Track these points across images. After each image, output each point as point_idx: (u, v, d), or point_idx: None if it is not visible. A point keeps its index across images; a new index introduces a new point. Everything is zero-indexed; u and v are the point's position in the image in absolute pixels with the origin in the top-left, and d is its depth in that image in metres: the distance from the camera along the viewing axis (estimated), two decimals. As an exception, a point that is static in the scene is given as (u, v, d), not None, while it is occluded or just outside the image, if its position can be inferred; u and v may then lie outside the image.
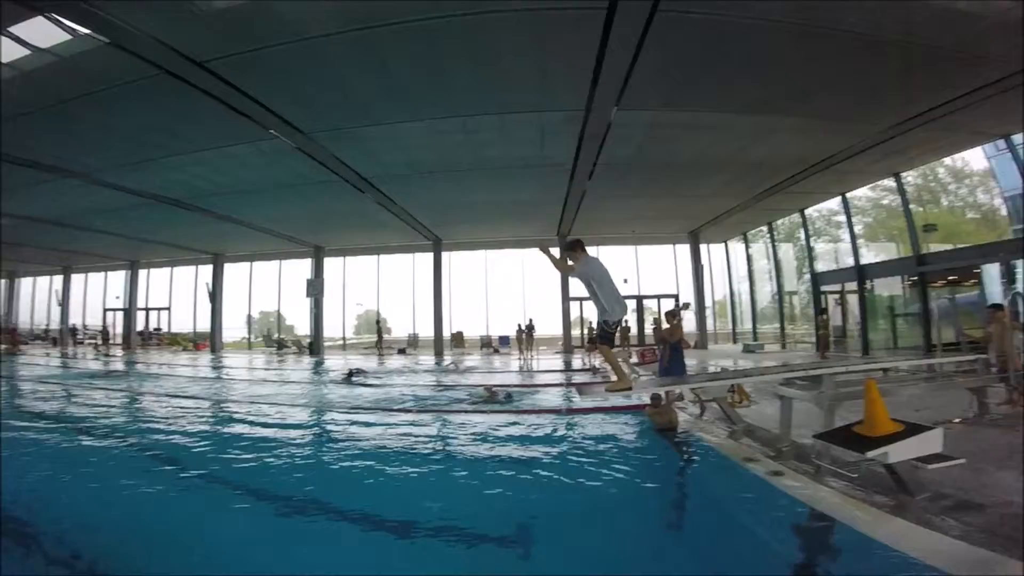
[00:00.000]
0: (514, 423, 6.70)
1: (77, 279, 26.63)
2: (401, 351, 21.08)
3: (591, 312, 20.65)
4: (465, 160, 11.17)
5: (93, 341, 25.32)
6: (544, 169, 11.72)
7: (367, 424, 6.90)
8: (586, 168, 11.51)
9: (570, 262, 4.69)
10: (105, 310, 26.39)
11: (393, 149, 10.41)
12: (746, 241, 20.63)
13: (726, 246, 21.76)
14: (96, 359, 18.64)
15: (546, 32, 6.54)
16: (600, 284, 4.45)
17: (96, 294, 26.75)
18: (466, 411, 7.74)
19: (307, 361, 18.16)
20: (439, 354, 19.38)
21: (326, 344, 21.86)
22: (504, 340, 20.25)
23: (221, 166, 11.14)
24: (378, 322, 21.79)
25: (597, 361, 14.62)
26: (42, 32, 6.25)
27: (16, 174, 10.79)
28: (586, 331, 19.22)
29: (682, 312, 8.64)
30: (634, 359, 11.87)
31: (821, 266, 16.90)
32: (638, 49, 6.70)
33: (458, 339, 21.47)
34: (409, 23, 6.24)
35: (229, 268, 23.42)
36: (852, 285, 15.07)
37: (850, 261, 15.18)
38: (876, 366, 6.11)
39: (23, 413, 7.92)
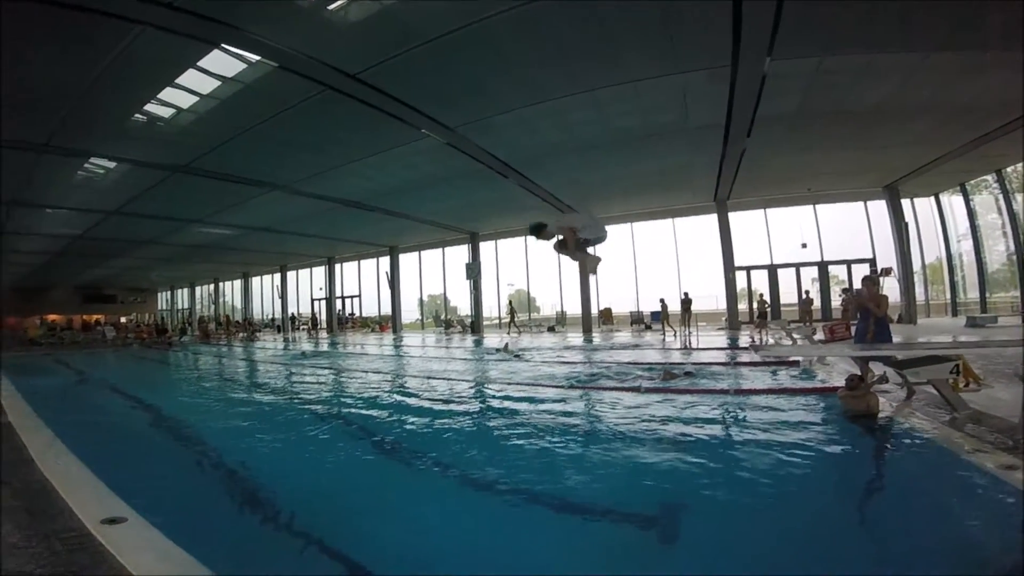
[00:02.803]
0: (680, 403, 6.36)
1: (291, 275, 32.45)
2: (550, 329, 21.48)
3: (760, 282, 18.85)
4: (597, 135, 10.84)
5: (306, 327, 30.69)
6: (691, 132, 10.79)
7: (529, 399, 7.11)
8: (742, 126, 10.28)
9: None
10: (312, 300, 31.83)
11: (526, 133, 10.55)
12: (965, 193, 16.42)
13: (937, 200, 17.52)
14: (309, 341, 22.58)
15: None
16: None
17: (305, 287, 32.49)
18: (627, 388, 7.63)
19: (470, 339, 19.64)
20: (587, 331, 19.33)
21: (484, 323, 23.35)
22: (657, 316, 19.34)
23: (387, 168, 12.46)
24: (511, 302, 22.60)
25: (770, 338, 13.30)
26: (223, 63, 7.44)
27: (237, 191, 13.46)
28: (755, 306, 17.42)
29: (882, 279, 7.32)
30: (819, 336, 10.41)
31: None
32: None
33: (606, 316, 21.17)
34: (519, 7, 6.21)
35: (403, 258, 26.30)
36: None
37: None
38: None
39: (257, 389, 9.94)
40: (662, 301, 18.23)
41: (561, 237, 4.77)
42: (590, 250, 5.06)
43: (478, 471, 4.37)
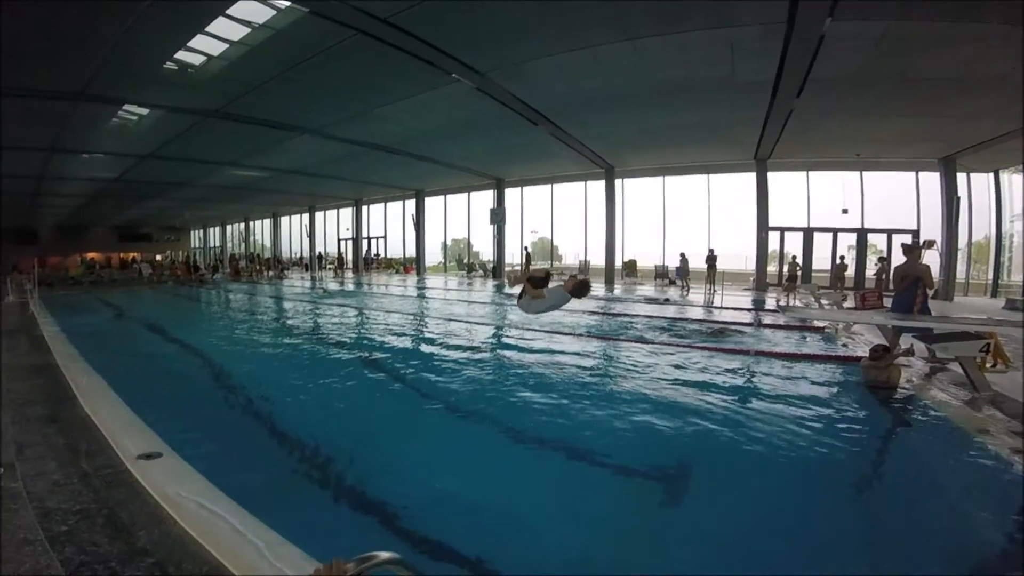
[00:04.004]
0: (698, 359, 6.45)
1: (319, 216, 32.86)
2: (571, 277, 21.43)
3: (794, 245, 18.20)
4: (637, 85, 10.34)
5: (332, 266, 31.40)
6: (736, 88, 10.18)
7: (544, 348, 7.26)
8: (793, 86, 9.71)
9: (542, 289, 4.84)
10: (339, 240, 32.36)
11: (560, 80, 10.16)
12: (1029, 171, 15.19)
13: (996, 176, 16.22)
14: (335, 281, 23.18)
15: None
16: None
17: (332, 227, 32.93)
18: (645, 341, 7.69)
19: (491, 284, 19.93)
20: (609, 282, 19.27)
21: (506, 268, 23.38)
22: (682, 271, 18.96)
23: (416, 113, 12.25)
24: (525, 248, 22.78)
25: (798, 301, 13.03)
26: (253, 10, 7.29)
27: (268, 135, 13.51)
28: (786, 268, 16.88)
29: (923, 251, 6.94)
30: (849, 303, 10.08)
31: None
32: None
33: (631, 268, 20.96)
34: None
35: (429, 201, 26.24)
36: None
37: None
38: None
39: (283, 328, 10.32)
40: (682, 256, 17.89)
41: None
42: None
43: (487, 405, 4.62)
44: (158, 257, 34.57)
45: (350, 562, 0.88)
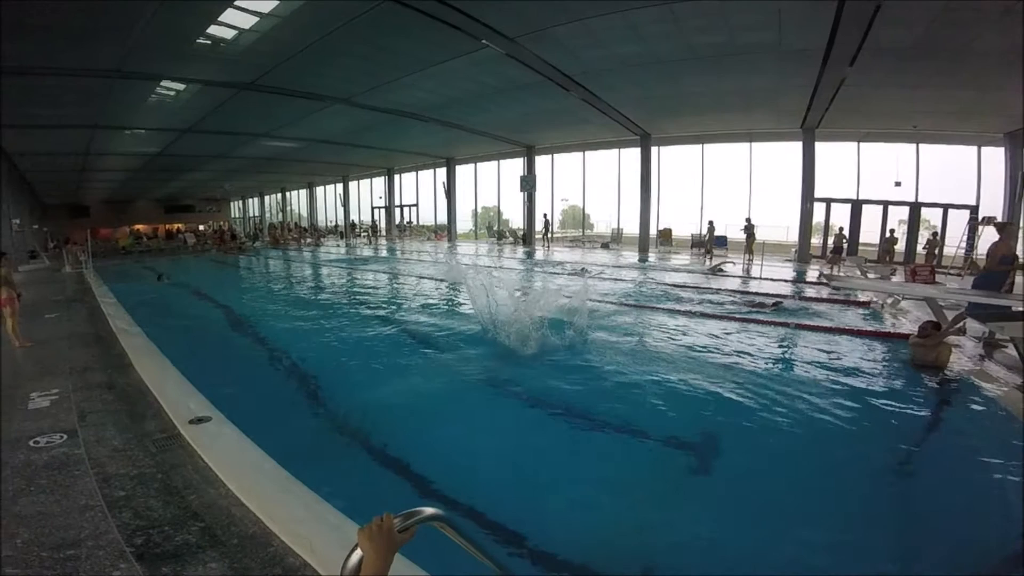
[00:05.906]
0: (738, 333, 6.34)
1: (353, 185, 33.23)
2: (604, 246, 21.37)
3: (841, 217, 17.38)
4: (674, 50, 9.85)
5: (366, 233, 31.92)
6: (783, 55, 9.62)
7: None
8: (846, 53, 9.09)
9: None
10: (372, 208, 32.73)
11: (593, 45, 9.77)
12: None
13: None
14: (370, 247, 23.63)
15: None
16: None
17: (366, 195, 33.28)
18: (681, 311, 7.61)
19: (520, 251, 19.89)
20: (643, 251, 18.93)
21: (536, 236, 23.32)
22: (720, 241, 18.19)
23: (445, 80, 12.06)
24: (545, 215, 22.79)
25: (843, 273, 12.55)
26: None
27: (300, 106, 13.59)
28: (831, 240, 16.13)
29: (981, 228, 6.51)
30: (898, 277, 9.56)
31: None
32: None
33: (665, 236, 20.46)
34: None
35: (459, 170, 26.12)
36: None
37: None
38: None
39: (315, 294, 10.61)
40: (710, 224, 17.31)
41: None
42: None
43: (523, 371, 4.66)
44: (200, 227, 35.85)
45: (397, 517, 0.92)
